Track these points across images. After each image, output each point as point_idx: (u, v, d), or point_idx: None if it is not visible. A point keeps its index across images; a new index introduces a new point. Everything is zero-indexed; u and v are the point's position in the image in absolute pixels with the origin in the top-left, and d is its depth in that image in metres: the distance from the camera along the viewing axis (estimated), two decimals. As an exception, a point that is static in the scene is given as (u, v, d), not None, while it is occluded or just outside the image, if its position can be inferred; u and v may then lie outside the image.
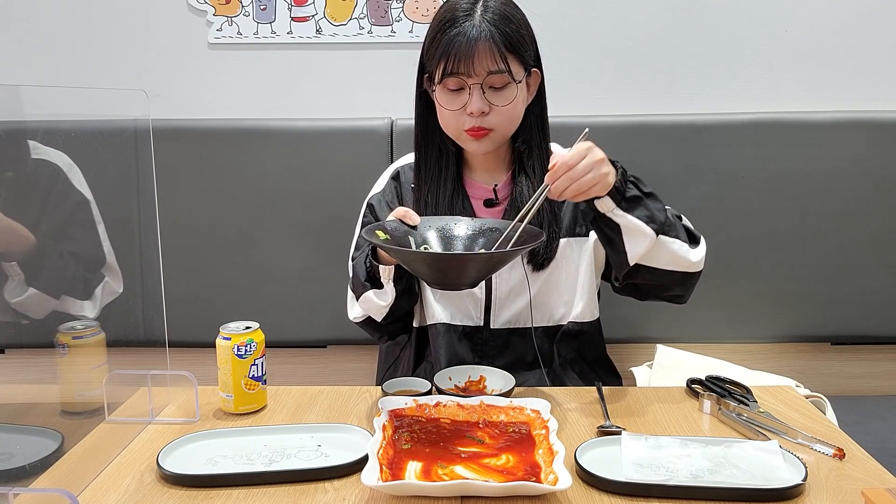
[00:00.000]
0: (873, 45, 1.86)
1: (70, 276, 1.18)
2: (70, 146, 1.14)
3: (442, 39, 1.24)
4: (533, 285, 1.35)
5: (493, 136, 1.29)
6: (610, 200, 1.16)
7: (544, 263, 1.35)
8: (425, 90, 1.35)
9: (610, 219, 1.17)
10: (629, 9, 1.86)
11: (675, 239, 1.21)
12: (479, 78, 1.24)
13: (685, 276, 1.25)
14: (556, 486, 0.88)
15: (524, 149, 1.36)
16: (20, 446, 1.04)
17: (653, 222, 1.18)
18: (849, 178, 1.78)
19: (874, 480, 0.97)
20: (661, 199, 1.22)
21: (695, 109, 1.86)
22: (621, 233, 1.18)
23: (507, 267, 1.34)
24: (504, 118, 1.28)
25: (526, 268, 1.35)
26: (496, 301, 1.37)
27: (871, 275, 1.81)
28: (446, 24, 1.25)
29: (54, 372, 1.14)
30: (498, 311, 1.37)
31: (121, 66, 1.89)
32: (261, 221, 1.82)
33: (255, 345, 1.15)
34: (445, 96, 1.28)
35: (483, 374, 1.25)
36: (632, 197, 1.17)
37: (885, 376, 1.89)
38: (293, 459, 1.00)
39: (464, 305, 1.37)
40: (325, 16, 1.87)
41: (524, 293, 1.36)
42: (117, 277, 1.23)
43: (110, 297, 1.22)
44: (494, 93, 1.26)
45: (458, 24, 1.24)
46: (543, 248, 1.34)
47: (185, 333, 1.45)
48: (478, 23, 1.23)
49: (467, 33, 1.23)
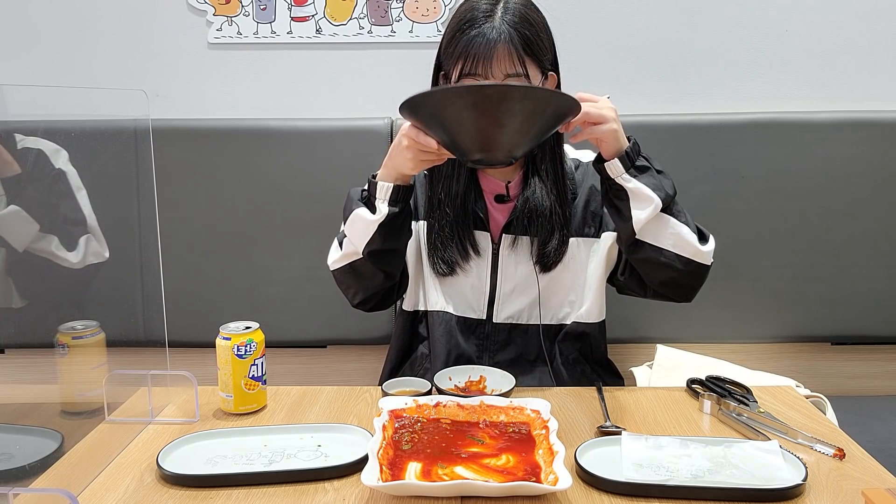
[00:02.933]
0: (873, 45, 1.86)
1: (53, 211, 1.16)
2: (70, 146, 1.14)
3: (461, 39, 1.24)
4: (540, 283, 1.35)
5: None
6: (619, 164, 1.18)
7: (553, 264, 1.35)
8: None
9: (619, 186, 1.19)
10: (629, 9, 1.86)
11: (682, 223, 1.21)
12: (497, 80, 1.24)
13: (692, 266, 1.23)
14: (556, 487, 0.88)
15: (537, 151, 1.35)
16: (20, 446, 1.04)
17: (659, 190, 1.19)
18: (849, 178, 1.78)
19: (874, 480, 0.96)
20: (670, 178, 1.22)
21: (695, 109, 1.86)
22: (629, 200, 1.20)
23: (513, 263, 1.35)
24: None
25: (535, 267, 1.35)
26: (500, 295, 1.37)
27: (871, 275, 1.81)
28: (465, 23, 1.24)
29: (54, 372, 1.14)
30: (501, 306, 1.37)
31: (121, 66, 1.89)
32: (261, 221, 1.82)
33: (255, 345, 1.15)
34: None
35: (483, 375, 1.25)
36: (641, 166, 1.19)
37: (885, 376, 1.89)
38: (293, 459, 1.00)
39: (467, 297, 1.37)
40: (325, 16, 1.87)
41: (528, 290, 1.36)
42: (102, 242, 1.20)
43: (96, 257, 1.19)
44: None
45: (477, 24, 1.23)
46: (554, 250, 1.34)
47: (185, 333, 1.45)
48: (498, 24, 1.23)
49: (487, 35, 1.22)
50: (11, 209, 1.05)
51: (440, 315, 1.38)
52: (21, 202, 1.07)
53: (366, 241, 1.26)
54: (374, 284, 1.33)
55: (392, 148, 1.22)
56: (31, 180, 1.14)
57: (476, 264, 1.37)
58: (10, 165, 1.05)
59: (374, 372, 1.63)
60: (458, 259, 1.35)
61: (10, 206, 1.05)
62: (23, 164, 1.12)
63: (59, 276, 1.17)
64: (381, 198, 1.23)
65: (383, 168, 1.25)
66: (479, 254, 1.36)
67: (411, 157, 1.17)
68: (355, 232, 1.27)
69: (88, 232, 1.19)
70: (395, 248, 1.30)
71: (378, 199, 1.24)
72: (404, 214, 1.26)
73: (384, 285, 1.34)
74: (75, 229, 1.19)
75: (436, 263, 1.36)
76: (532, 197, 1.34)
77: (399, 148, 1.19)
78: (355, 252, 1.28)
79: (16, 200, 1.06)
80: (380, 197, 1.24)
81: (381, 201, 1.24)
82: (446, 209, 1.35)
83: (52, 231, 1.14)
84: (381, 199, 1.24)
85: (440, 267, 1.36)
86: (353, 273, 1.32)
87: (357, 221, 1.26)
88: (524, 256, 1.36)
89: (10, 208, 1.05)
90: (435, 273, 1.37)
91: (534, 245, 1.35)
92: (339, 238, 1.34)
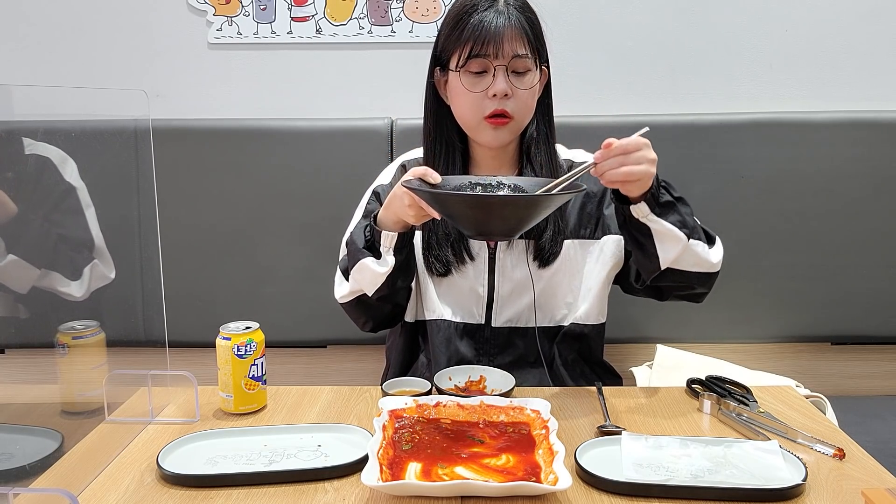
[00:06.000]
0: (873, 45, 1.86)
1: (53, 248, 1.15)
2: (70, 146, 1.14)
3: (467, 23, 1.26)
4: (536, 284, 1.35)
5: (512, 125, 1.30)
6: (645, 205, 1.15)
7: (550, 259, 1.35)
8: (435, 86, 1.35)
9: (642, 223, 1.17)
10: (629, 9, 1.86)
11: (699, 241, 1.21)
12: (506, 60, 1.25)
13: (708, 276, 1.25)
14: (556, 486, 0.88)
15: (531, 144, 1.36)
16: (20, 446, 1.04)
17: (685, 227, 1.18)
18: (849, 178, 1.78)
19: (874, 480, 0.96)
20: (688, 203, 1.22)
21: (695, 109, 1.86)
22: (653, 237, 1.18)
23: (510, 264, 1.35)
24: (523, 104, 1.29)
25: (531, 265, 1.35)
26: (498, 299, 1.37)
27: (871, 275, 1.81)
28: (469, 10, 1.27)
29: (54, 372, 1.14)
30: (500, 309, 1.37)
31: (121, 66, 1.89)
32: (261, 221, 1.82)
33: (255, 345, 1.15)
34: (468, 79, 1.28)
35: (483, 374, 1.25)
36: (665, 202, 1.17)
37: (885, 376, 1.89)
38: (293, 459, 1.00)
39: (466, 302, 1.37)
40: (325, 16, 1.87)
41: (526, 292, 1.36)
42: (108, 263, 1.20)
43: (101, 281, 1.19)
44: (516, 77, 1.28)
45: (481, 8, 1.26)
46: (549, 244, 1.34)
47: (185, 333, 1.45)
48: (503, 9, 1.26)
49: (494, 17, 1.25)
50: (10, 259, 1.04)
51: (439, 323, 1.37)
52: (25, 215, 1.06)
53: (374, 289, 1.28)
54: (383, 314, 1.37)
55: (394, 197, 1.21)
56: (37, 191, 1.13)
57: (473, 267, 1.36)
58: (6, 207, 1.02)
59: (374, 372, 1.63)
60: (452, 259, 1.35)
61: (9, 257, 1.04)
62: (30, 174, 1.12)
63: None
64: (387, 247, 1.24)
65: (384, 211, 1.24)
66: (472, 258, 1.36)
67: (413, 213, 1.17)
68: (363, 280, 1.28)
69: (94, 257, 1.19)
70: (404, 287, 1.33)
71: (383, 248, 1.24)
72: (410, 256, 1.28)
73: (394, 311, 1.38)
74: (80, 257, 1.18)
75: (431, 264, 1.36)
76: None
77: (401, 203, 1.18)
78: (363, 292, 1.30)
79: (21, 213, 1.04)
80: (384, 245, 1.24)
81: (387, 250, 1.24)
82: None
83: (54, 266, 1.14)
84: (385, 247, 1.24)
85: (436, 267, 1.35)
86: (362, 306, 1.34)
87: (364, 271, 1.27)
88: (520, 258, 1.35)
89: (9, 258, 1.04)
90: (431, 274, 1.37)
91: (529, 244, 1.35)
92: (341, 268, 1.34)
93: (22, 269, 1.08)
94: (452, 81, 1.30)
